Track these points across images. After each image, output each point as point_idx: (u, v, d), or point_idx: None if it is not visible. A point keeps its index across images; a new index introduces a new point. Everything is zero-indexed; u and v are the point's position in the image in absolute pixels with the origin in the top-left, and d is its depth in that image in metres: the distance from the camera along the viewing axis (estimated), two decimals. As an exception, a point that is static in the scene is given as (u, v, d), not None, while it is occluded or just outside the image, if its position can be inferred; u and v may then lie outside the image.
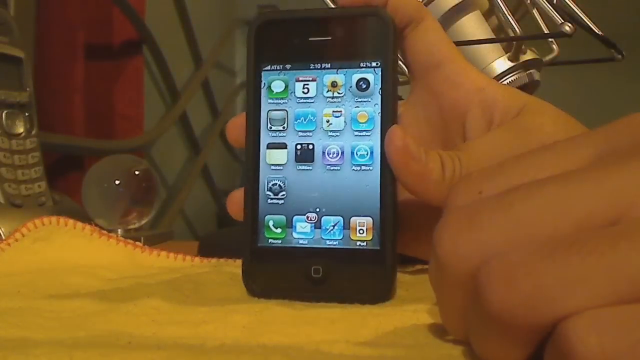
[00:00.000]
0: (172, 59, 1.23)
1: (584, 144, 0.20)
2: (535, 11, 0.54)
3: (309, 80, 0.32)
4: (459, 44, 0.52)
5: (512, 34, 0.51)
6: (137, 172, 0.63)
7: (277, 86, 0.33)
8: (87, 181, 0.62)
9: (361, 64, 0.32)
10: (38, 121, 0.57)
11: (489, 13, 0.55)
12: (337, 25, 0.33)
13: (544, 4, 0.52)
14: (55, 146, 0.83)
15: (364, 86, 0.32)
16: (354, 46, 0.33)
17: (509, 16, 0.52)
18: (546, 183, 0.19)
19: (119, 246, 0.43)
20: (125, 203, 0.62)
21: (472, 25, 0.54)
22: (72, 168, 0.89)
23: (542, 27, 0.53)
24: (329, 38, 0.32)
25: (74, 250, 0.42)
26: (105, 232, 0.44)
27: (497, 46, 0.54)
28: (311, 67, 0.32)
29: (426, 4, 0.53)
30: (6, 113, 0.55)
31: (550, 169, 0.20)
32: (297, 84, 0.32)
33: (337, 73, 0.32)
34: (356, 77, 0.32)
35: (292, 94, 0.32)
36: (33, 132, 0.56)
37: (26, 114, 0.56)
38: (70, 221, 0.44)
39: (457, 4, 0.54)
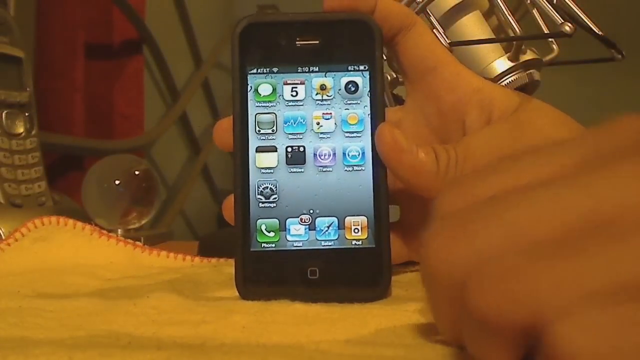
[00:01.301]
0: (172, 59, 1.23)
1: (576, 147, 0.20)
2: (535, 11, 0.54)
3: (297, 84, 0.33)
4: (459, 44, 0.52)
5: (512, 34, 0.51)
6: (137, 172, 0.63)
7: (265, 89, 0.33)
8: (87, 181, 0.62)
9: (349, 67, 0.33)
10: (38, 121, 0.57)
11: (489, 13, 0.55)
12: (323, 29, 0.33)
13: (544, 4, 0.52)
14: (55, 146, 0.83)
15: (352, 89, 0.33)
16: (341, 50, 0.33)
17: (509, 16, 0.52)
18: (537, 188, 0.19)
19: (119, 246, 0.43)
20: (125, 203, 0.62)
21: (472, 25, 0.54)
22: (72, 168, 0.89)
23: (542, 27, 0.53)
24: (316, 42, 0.33)
25: (74, 250, 0.42)
26: (105, 232, 0.44)
27: (497, 46, 0.54)
28: (299, 71, 0.33)
29: (426, 4, 0.53)
30: (6, 113, 0.55)
31: (542, 171, 0.20)
32: (285, 87, 0.33)
33: (325, 76, 0.33)
34: (345, 80, 0.33)
35: (281, 97, 0.33)
36: (33, 132, 0.57)
37: (26, 114, 0.56)
38: (70, 221, 0.44)
39: (457, 4, 0.54)
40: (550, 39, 0.54)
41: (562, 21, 0.50)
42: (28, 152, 0.56)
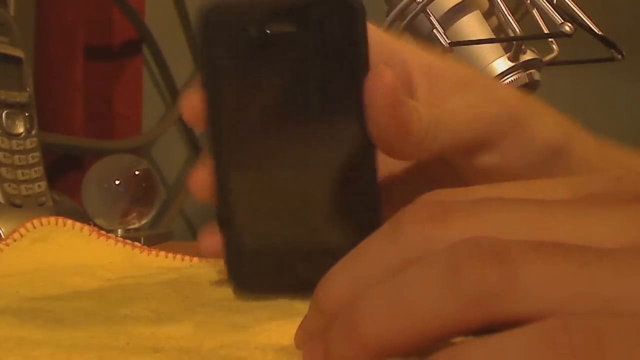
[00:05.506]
0: (172, 59, 1.23)
1: (560, 185, 0.20)
2: (535, 11, 0.54)
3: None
4: (459, 44, 0.52)
5: (512, 34, 0.51)
6: (137, 172, 0.63)
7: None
8: (87, 181, 0.62)
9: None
10: (38, 121, 0.57)
11: (489, 13, 0.55)
12: (300, 14, 0.28)
13: (544, 4, 0.52)
14: (55, 146, 0.83)
15: None
16: (321, 37, 0.28)
17: (509, 16, 0.52)
18: (522, 202, 0.18)
19: (118, 246, 0.43)
20: (125, 203, 0.62)
21: (472, 25, 0.54)
22: (72, 168, 0.89)
23: (542, 27, 0.53)
24: (292, 30, 0.28)
25: (73, 251, 0.42)
26: (104, 232, 0.44)
27: (497, 46, 0.54)
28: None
29: (426, 4, 0.53)
30: (6, 113, 0.54)
31: (530, 193, 0.20)
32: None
33: None
34: None
35: None
36: (33, 132, 0.56)
37: (26, 114, 0.56)
38: (69, 221, 0.44)
39: (457, 4, 0.54)
40: (550, 39, 0.54)
41: (562, 21, 0.50)
42: (28, 152, 0.56)
